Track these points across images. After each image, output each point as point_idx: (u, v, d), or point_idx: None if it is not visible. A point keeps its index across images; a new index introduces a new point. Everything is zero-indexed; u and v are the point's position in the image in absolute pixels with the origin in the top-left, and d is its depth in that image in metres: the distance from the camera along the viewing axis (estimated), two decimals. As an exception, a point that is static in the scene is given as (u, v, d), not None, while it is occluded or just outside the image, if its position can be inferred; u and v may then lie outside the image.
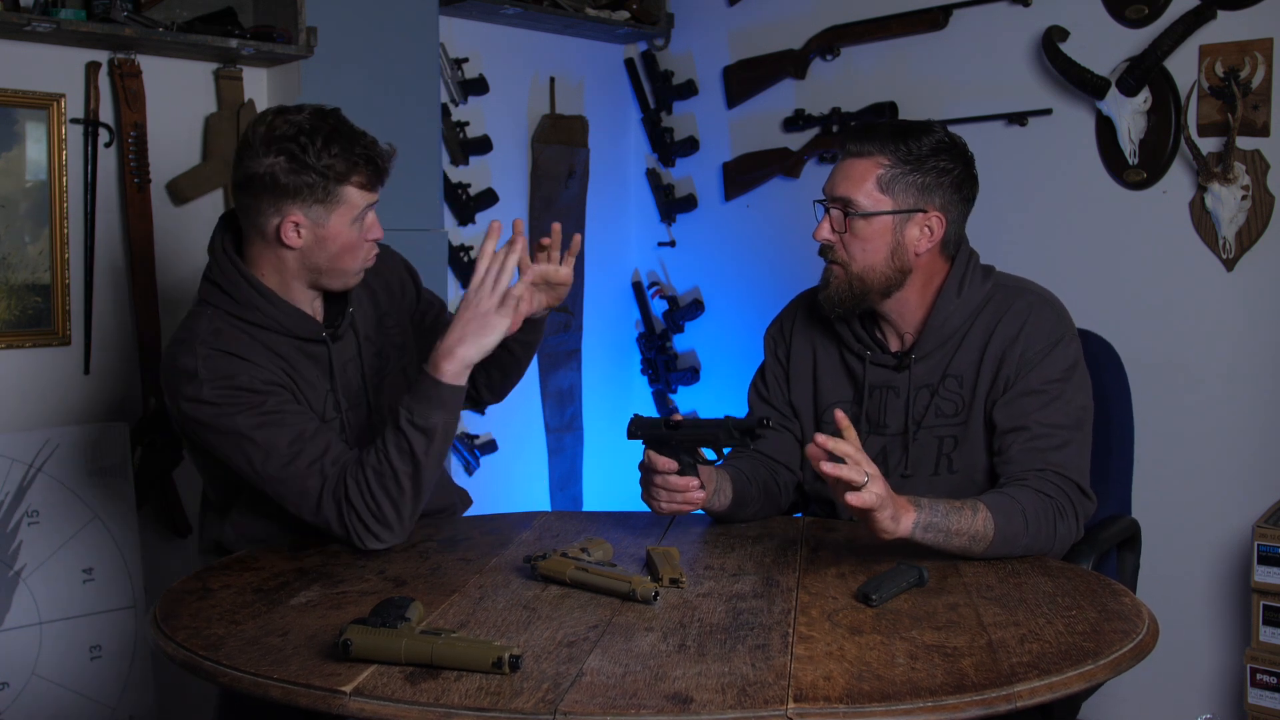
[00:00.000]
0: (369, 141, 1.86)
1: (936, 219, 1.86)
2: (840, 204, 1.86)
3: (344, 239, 1.86)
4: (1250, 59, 2.57)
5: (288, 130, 1.81)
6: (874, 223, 1.84)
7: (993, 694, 1.22)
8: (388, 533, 1.79)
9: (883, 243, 1.85)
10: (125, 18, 2.44)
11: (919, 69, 3.10)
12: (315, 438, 1.80)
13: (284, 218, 1.82)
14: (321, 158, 1.79)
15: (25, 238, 2.50)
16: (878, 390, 1.93)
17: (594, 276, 3.66)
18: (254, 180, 1.82)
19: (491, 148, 3.30)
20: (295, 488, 1.78)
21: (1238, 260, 2.64)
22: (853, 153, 1.87)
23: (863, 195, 1.84)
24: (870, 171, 1.84)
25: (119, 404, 2.64)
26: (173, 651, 1.42)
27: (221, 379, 1.80)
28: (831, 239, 1.87)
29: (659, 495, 1.81)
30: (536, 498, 3.55)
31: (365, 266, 1.92)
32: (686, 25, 3.60)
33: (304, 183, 1.80)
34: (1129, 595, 1.55)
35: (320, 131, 1.81)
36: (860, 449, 1.58)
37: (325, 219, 1.83)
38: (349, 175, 1.82)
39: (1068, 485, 1.76)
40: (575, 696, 1.20)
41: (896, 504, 1.61)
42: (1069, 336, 1.86)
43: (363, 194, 1.85)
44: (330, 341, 1.93)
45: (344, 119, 1.86)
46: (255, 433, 1.78)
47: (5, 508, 2.43)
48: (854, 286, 1.87)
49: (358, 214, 1.85)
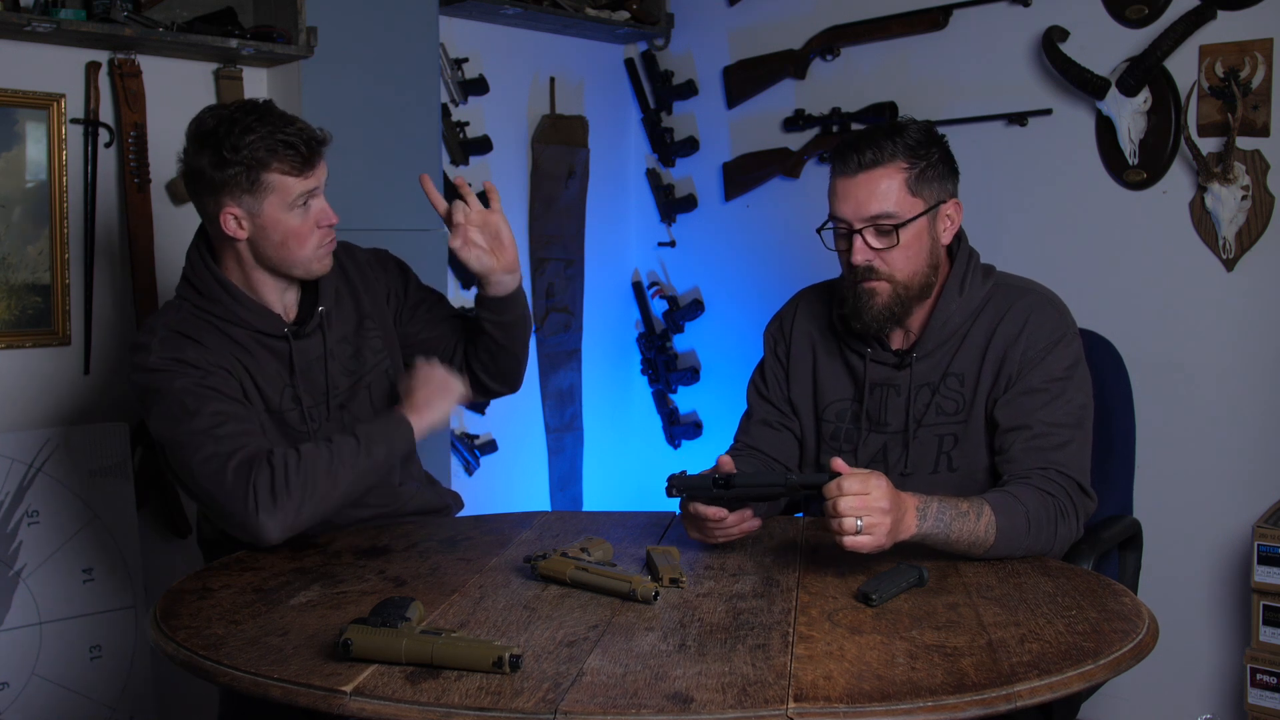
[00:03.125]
0: (295, 128, 1.86)
1: (955, 205, 1.87)
2: (874, 220, 1.81)
3: (285, 226, 1.88)
4: (1250, 59, 2.57)
5: (211, 125, 1.85)
6: (913, 227, 1.82)
7: (993, 694, 1.22)
8: (274, 517, 1.74)
9: (922, 245, 1.84)
10: (125, 18, 2.44)
11: (919, 69, 3.10)
12: (242, 420, 1.83)
13: (221, 209, 1.87)
14: (240, 148, 1.82)
15: (25, 238, 2.50)
16: (878, 388, 1.93)
17: (594, 276, 3.66)
18: (190, 178, 1.89)
19: (491, 148, 3.30)
20: (208, 450, 1.77)
21: (1238, 260, 2.64)
22: (865, 166, 1.80)
23: (896, 204, 1.80)
24: (895, 178, 1.80)
25: (119, 404, 2.64)
26: (173, 651, 1.42)
27: (170, 351, 1.85)
28: (873, 259, 1.82)
29: (713, 532, 1.77)
30: (536, 498, 3.55)
31: (324, 254, 1.93)
32: (686, 25, 3.60)
33: (229, 175, 1.84)
34: (1129, 595, 1.55)
35: (240, 122, 1.83)
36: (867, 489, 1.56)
37: (258, 208, 1.86)
38: (269, 161, 1.84)
39: (1069, 484, 1.76)
40: (576, 696, 1.20)
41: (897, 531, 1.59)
42: (1070, 335, 1.86)
43: (293, 179, 1.86)
44: (292, 339, 1.95)
45: (272, 108, 1.88)
46: (186, 397, 1.81)
47: (5, 508, 2.43)
48: (902, 297, 1.84)
49: (293, 199, 1.87)
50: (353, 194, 2.67)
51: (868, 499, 1.55)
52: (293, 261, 1.91)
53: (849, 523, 1.54)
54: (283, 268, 1.92)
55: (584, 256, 3.61)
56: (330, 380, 1.98)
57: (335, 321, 2.02)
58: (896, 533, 1.59)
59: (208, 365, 1.86)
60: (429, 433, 1.93)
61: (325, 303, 2.00)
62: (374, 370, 2.06)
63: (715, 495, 1.70)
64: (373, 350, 2.06)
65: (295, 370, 1.95)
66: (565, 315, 3.56)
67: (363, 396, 2.03)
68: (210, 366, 1.86)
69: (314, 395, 1.97)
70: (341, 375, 2.01)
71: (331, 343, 2.00)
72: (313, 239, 1.91)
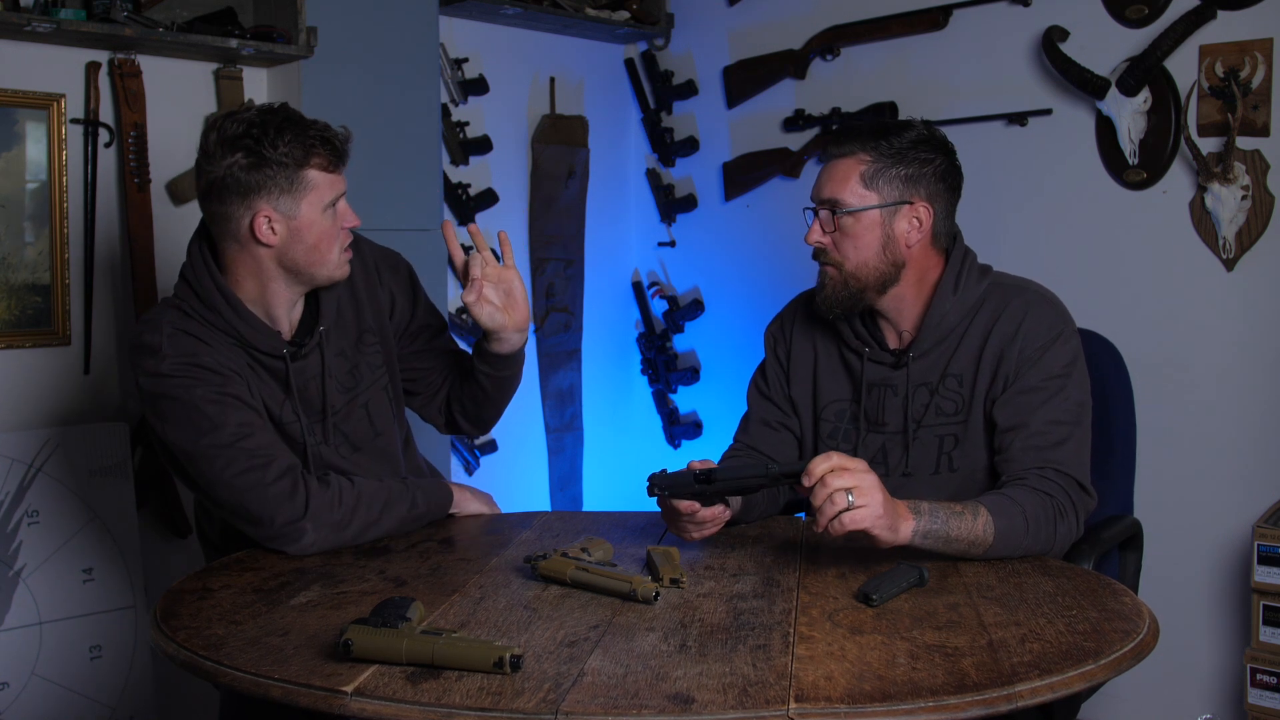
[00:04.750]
0: (322, 125, 1.87)
1: (924, 209, 1.87)
2: (828, 205, 1.88)
3: (319, 228, 1.86)
4: (1250, 59, 2.58)
5: (238, 129, 1.82)
6: (862, 219, 1.85)
7: (994, 694, 1.22)
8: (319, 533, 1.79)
9: (873, 238, 1.86)
10: (125, 18, 2.44)
11: (919, 69, 3.10)
12: (265, 430, 1.84)
13: (255, 214, 1.82)
14: (277, 146, 1.80)
15: (25, 238, 2.50)
16: (875, 388, 1.93)
17: (594, 276, 3.66)
18: (216, 185, 1.82)
19: (491, 148, 3.30)
20: (241, 464, 1.78)
21: (1238, 260, 2.64)
22: (835, 154, 1.89)
23: (848, 193, 1.86)
24: (853, 169, 1.86)
25: (119, 404, 2.64)
26: (173, 651, 1.42)
27: (184, 355, 1.82)
28: (824, 241, 1.89)
29: (687, 528, 1.80)
30: (536, 498, 3.55)
31: (346, 259, 1.92)
32: (686, 25, 3.60)
33: (266, 175, 1.81)
34: (1129, 595, 1.55)
35: (271, 123, 1.82)
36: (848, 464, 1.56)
37: (295, 209, 1.83)
38: (308, 158, 1.82)
39: (1068, 482, 1.75)
40: (577, 696, 1.20)
41: (895, 514, 1.60)
42: (1068, 333, 1.86)
43: (326, 176, 1.85)
44: (290, 360, 1.91)
45: (292, 110, 1.87)
46: (208, 407, 1.79)
47: (5, 508, 2.43)
48: (850, 285, 1.88)
49: (328, 200, 1.86)
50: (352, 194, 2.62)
51: (851, 472, 1.55)
52: (320, 264, 1.88)
53: (839, 496, 1.54)
54: (309, 271, 1.88)
55: (584, 256, 3.61)
56: (327, 399, 1.96)
57: (334, 337, 1.98)
58: (894, 518, 1.58)
59: (223, 369, 1.83)
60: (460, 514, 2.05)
61: (326, 321, 1.96)
62: (371, 387, 2.03)
63: (697, 491, 1.70)
64: (370, 366, 2.03)
65: (292, 389, 1.92)
66: (565, 315, 3.56)
67: (359, 415, 2.00)
68: (226, 370, 1.83)
69: (310, 414, 1.95)
70: (338, 393, 1.98)
71: (329, 360, 1.96)
72: (339, 241, 1.89)
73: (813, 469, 1.56)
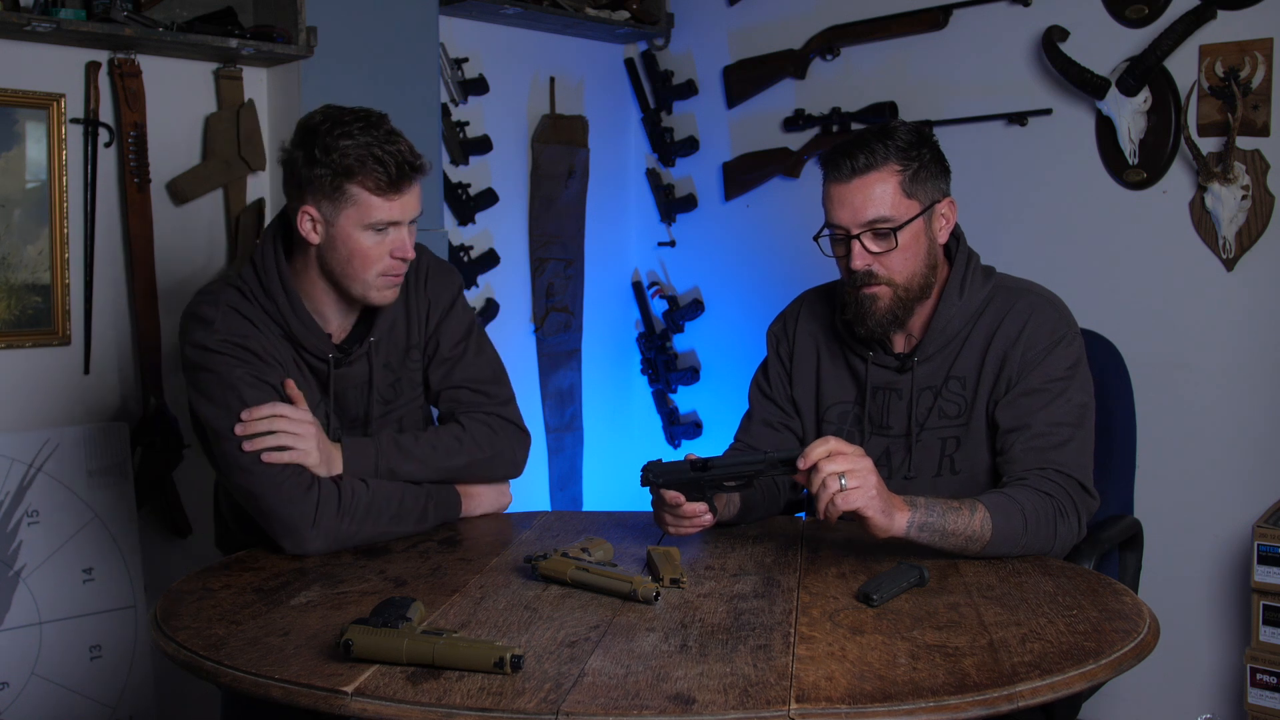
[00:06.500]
0: (395, 147, 1.79)
1: (949, 204, 1.87)
2: (873, 225, 1.81)
3: (354, 244, 1.81)
4: (1250, 59, 2.57)
5: (317, 121, 1.81)
6: (910, 229, 1.82)
7: (994, 694, 1.22)
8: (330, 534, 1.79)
9: (920, 246, 1.83)
10: (125, 18, 2.43)
11: (919, 69, 3.10)
12: None
13: (301, 208, 1.83)
14: (330, 152, 1.77)
15: (25, 238, 2.50)
16: (880, 391, 1.93)
17: (594, 276, 3.66)
18: (284, 170, 1.85)
19: (491, 148, 3.30)
20: None
21: (1238, 260, 2.64)
22: (859, 170, 1.80)
23: (892, 208, 1.80)
24: (889, 181, 1.80)
25: (119, 404, 2.64)
26: (173, 651, 1.42)
27: (233, 334, 1.83)
28: (871, 264, 1.82)
29: (666, 519, 1.80)
30: (536, 498, 3.55)
31: (386, 284, 1.86)
32: (686, 25, 3.60)
33: (314, 175, 1.80)
34: (1130, 595, 1.55)
35: (344, 125, 1.78)
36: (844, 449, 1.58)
37: (334, 217, 1.81)
38: (355, 172, 1.77)
39: (1069, 483, 1.75)
40: (577, 697, 1.20)
41: (890, 502, 1.60)
42: (1071, 335, 1.86)
43: (376, 199, 1.79)
44: (333, 366, 1.91)
45: (384, 122, 1.82)
46: (244, 388, 1.80)
47: (5, 508, 2.42)
48: (903, 299, 1.84)
49: (372, 221, 1.80)
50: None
51: (846, 456, 1.56)
52: (352, 279, 1.85)
53: (832, 480, 1.54)
54: (342, 282, 1.86)
55: (584, 256, 3.61)
56: (370, 410, 1.96)
57: (383, 348, 1.97)
58: (888, 503, 1.59)
59: (268, 357, 1.84)
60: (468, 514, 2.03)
61: (378, 333, 1.95)
62: (410, 404, 2.03)
63: (692, 479, 1.69)
64: (412, 384, 2.02)
65: (330, 394, 1.92)
66: (565, 315, 3.56)
67: (392, 429, 1.99)
68: (270, 359, 1.84)
69: (345, 419, 1.96)
70: (377, 404, 1.98)
71: (375, 371, 1.96)
72: (378, 266, 1.83)
73: (809, 454, 1.57)
